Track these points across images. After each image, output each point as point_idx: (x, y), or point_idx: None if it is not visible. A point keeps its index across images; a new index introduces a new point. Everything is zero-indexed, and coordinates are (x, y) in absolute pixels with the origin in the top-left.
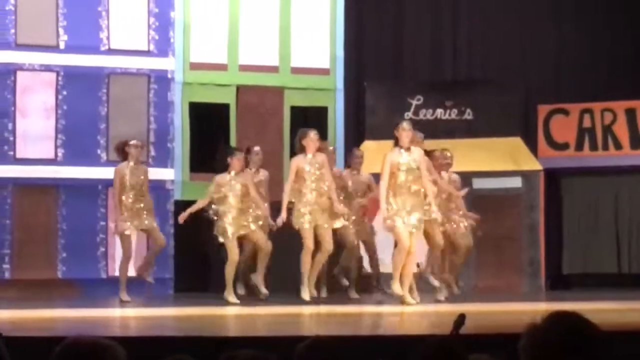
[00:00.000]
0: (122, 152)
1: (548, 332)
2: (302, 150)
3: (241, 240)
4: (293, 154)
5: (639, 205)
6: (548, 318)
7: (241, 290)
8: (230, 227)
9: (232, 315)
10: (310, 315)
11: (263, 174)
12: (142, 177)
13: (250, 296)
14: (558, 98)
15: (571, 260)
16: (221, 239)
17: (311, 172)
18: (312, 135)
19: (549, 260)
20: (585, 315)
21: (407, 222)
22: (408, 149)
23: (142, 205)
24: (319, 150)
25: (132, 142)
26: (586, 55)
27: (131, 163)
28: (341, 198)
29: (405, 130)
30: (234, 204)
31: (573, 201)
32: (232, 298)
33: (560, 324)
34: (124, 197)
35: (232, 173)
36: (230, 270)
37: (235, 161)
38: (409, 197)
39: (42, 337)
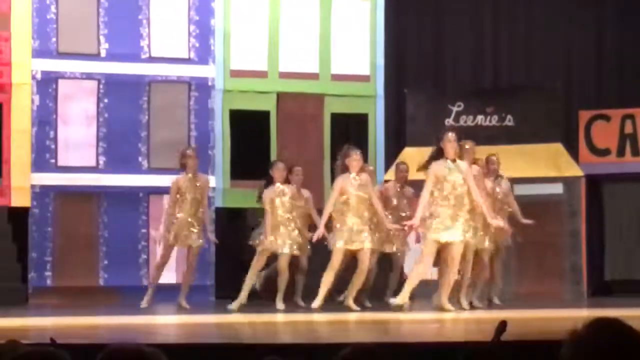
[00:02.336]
0: (181, 162)
1: (590, 339)
2: (345, 169)
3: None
4: (333, 161)
5: None
6: (590, 325)
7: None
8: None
9: (274, 322)
10: (350, 322)
11: (306, 193)
12: (199, 190)
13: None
14: (599, 104)
15: (613, 266)
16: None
17: (354, 193)
18: (355, 155)
19: (590, 266)
20: (627, 322)
21: (446, 234)
22: (454, 161)
23: (193, 220)
24: (361, 170)
25: (188, 151)
26: (628, 61)
27: (189, 174)
28: (387, 213)
29: (450, 142)
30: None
31: (615, 207)
32: (280, 305)
33: (602, 331)
34: (177, 210)
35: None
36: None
37: (276, 172)
38: (452, 209)
39: (84, 344)
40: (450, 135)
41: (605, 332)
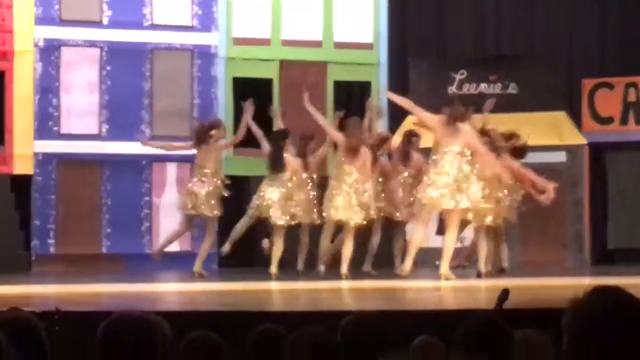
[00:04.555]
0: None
1: (591, 307)
2: None
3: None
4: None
5: None
6: (591, 293)
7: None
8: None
9: (274, 290)
10: (352, 290)
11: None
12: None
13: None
14: (602, 72)
15: (616, 234)
16: None
17: None
18: None
19: (593, 235)
20: (629, 291)
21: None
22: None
23: (211, 189)
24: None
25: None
26: (631, 28)
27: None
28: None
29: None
30: None
31: (618, 175)
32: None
33: (603, 299)
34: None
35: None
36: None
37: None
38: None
39: (88, 311)
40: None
41: (606, 300)
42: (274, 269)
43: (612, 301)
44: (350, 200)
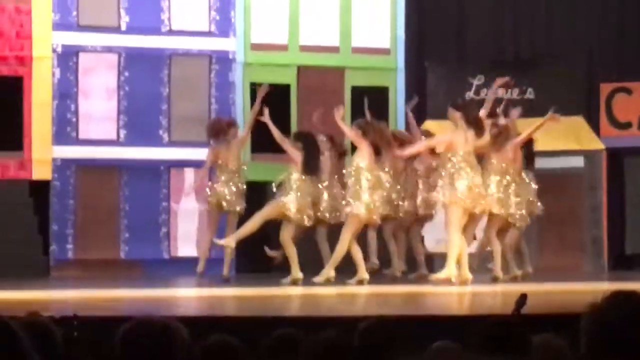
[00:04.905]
0: (223, 132)
1: (608, 311)
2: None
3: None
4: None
5: None
6: (608, 298)
7: None
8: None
9: (291, 295)
10: (367, 295)
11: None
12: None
13: None
14: (621, 76)
15: (634, 239)
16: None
17: None
18: None
19: (611, 240)
20: None
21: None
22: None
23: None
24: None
25: (231, 120)
26: None
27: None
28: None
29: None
30: None
31: (636, 180)
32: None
33: (621, 303)
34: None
35: None
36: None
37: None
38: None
39: (106, 316)
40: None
41: (624, 304)
42: (299, 273)
43: (630, 306)
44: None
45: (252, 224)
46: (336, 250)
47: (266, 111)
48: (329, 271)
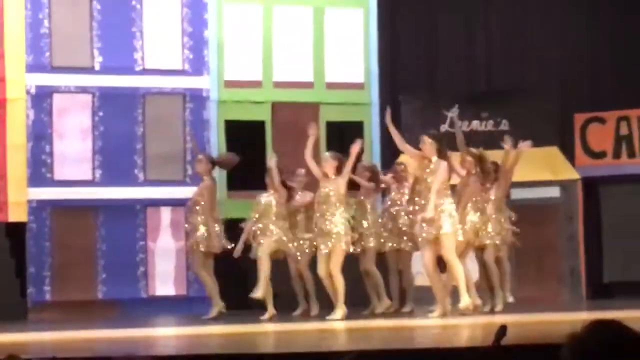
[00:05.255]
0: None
1: (589, 341)
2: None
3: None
4: None
5: None
6: (588, 327)
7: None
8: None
9: (271, 331)
10: (347, 330)
11: (309, 196)
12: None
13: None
14: (594, 106)
15: (612, 268)
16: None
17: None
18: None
19: (589, 269)
20: (627, 324)
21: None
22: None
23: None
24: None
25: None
26: (621, 62)
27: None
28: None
29: (425, 143)
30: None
31: (612, 209)
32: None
33: (601, 332)
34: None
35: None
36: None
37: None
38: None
39: (85, 357)
40: (426, 138)
41: (603, 333)
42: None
43: (610, 334)
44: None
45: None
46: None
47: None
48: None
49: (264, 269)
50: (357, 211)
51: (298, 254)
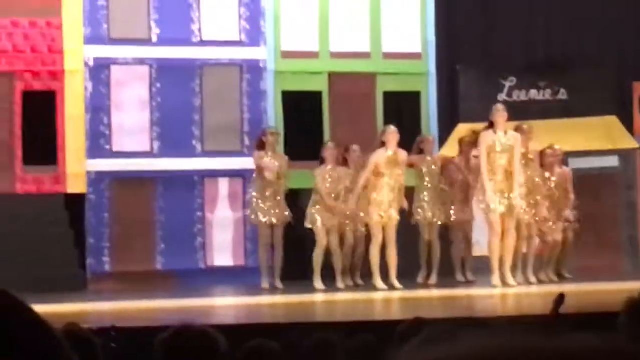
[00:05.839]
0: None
1: None
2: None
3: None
4: None
5: None
6: None
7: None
8: (319, 217)
9: (326, 301)
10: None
11: None
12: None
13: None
14: None
15: None
16: (310, 226)
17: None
18: (390, 130)
19: None
20: None
21: (500, 205)
22: (505, 132)
23: (279, 197)
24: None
25: (270, 130)
26: None
27: (269, 152)
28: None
29: (499, 111)
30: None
31: None
32: (318, 284)
33: None
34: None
35: (329, 166)
36: (316, 256)
37: (327, 152)
38: (504, 180)
39: (144, 327)
40: (500, 106)
41: None
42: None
43: None
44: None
45: None
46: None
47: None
48: None
49: None
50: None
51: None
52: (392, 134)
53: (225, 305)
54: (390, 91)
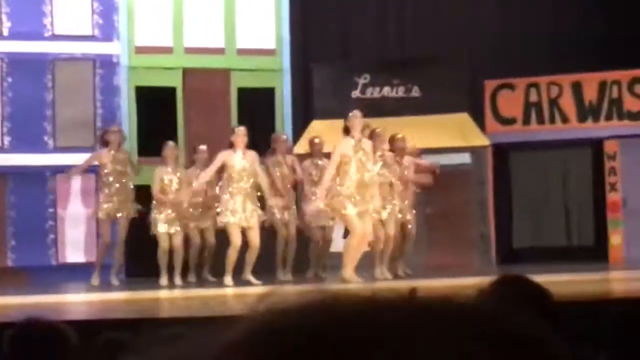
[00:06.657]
0: (102, 140)
1: (495, 292)
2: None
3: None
4: None
5: (587, 177)
6: (495, 281)
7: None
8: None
9: (175, 297)
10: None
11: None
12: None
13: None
14: (504, 73)
15: (521, 234)
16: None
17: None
18: (239, 131)
19: (499, 235)
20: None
21: (358, 209)
22: (359, 140)
23: (124, 192)
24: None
25: (112, 128)
26: (531, 30)
27: (112, 151)
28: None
29: (357, 118)
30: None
31: (521, 175)
32: (163, 281)
33: (509, 285)
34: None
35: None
36: (160, 258)
37: (167, 153)
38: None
39: None
40: (357, 112)
41: (510, 285)
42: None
43: (515, 286)
44: None
45: None
46: None
47: None
48: None
49: None
50: None
51: None
52: (241, 136)
53: (76, 302)
54: (244, 87)
